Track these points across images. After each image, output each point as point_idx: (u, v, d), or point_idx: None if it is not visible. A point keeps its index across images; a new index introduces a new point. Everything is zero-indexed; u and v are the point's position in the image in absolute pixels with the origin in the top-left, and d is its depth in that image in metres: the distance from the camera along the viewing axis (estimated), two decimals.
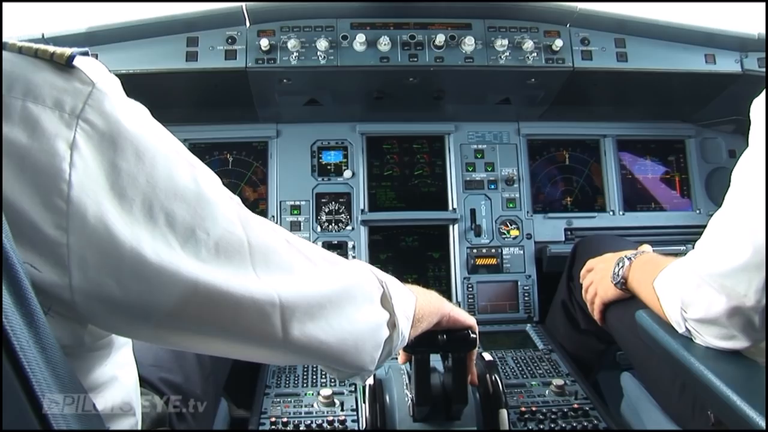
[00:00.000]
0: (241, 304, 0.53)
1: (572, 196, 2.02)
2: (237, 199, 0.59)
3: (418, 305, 0.81)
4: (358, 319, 0.66)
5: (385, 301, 0.72)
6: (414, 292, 0.83)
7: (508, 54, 1.64)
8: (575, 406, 1.27)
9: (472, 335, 0.97)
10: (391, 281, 0.76)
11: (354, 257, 1.83)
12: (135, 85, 0.77)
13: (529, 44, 1.64)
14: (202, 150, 1.91)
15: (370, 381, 1.08)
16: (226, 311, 0.53)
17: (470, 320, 0.96)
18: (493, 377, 1.11)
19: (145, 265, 0.48)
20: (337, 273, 0.66)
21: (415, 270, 1.90)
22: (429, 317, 0.86)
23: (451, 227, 1.93)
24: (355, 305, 0.66)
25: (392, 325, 0.73)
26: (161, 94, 1.62)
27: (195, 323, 0.52)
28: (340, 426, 1.12)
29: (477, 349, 1.02)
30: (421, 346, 0.93)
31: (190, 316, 0.51)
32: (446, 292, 1.86)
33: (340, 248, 1.84)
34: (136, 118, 0.52)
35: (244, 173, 1.94)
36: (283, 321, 0.57)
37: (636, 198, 1.98)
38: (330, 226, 1.88)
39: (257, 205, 1.90)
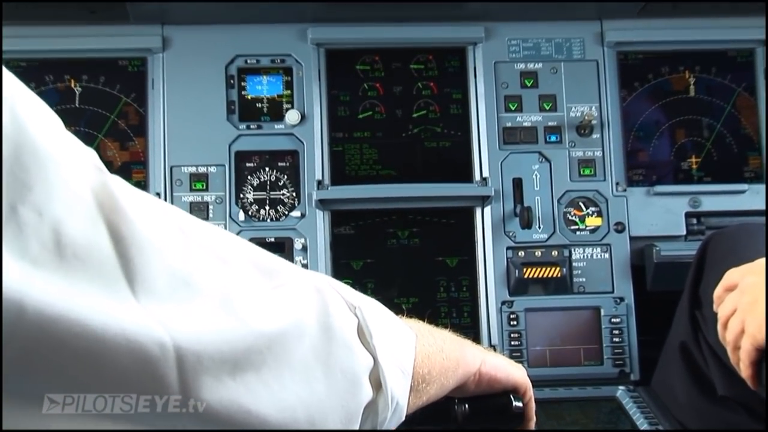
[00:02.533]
0: (104, 346, 0.52)
1: (701, 155, 1.97)
2: (93, 155, 0.59)
3: (420, 351, 0.80)
4: (313, 372, 0.66)
5: (363, 340, 0.72)
6: (413, 328, 0.82)
7: None
8: None
9: (516, 404, 0.95)
10: (370, 306, 0.76)
11: (305, 267, 1.79)
12: None
13: None
14: (21, 73, 1.85)
15: None
16: (78, 358, 0.51)
17: (516, 375, 0.95)
18: None
19: None
20: (276, 291, 0.66)
21: (414, 290, 1.88)
22: (442, 376, 0.84)
23: (478, 212, 1.90)
24: (309, 349, 0.66)
25: (376, 382, 0.72)
26: None
27: (16, 379, 0.50)
28: None
29: (529, 421, 0.99)
30: (427, 421, 0.90)
31: (9, 366, 0.49)
32: (471, 330, 1.84)
33: (280, 252, 1.83)
34: None
35: (104, 116, 1.90)
36: (181, 378, 0.56)
37: None
38: (261, 212, 1.86)
39: (129, 172, 1.88)
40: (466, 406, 0.93)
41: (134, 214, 0.57)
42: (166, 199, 1.84)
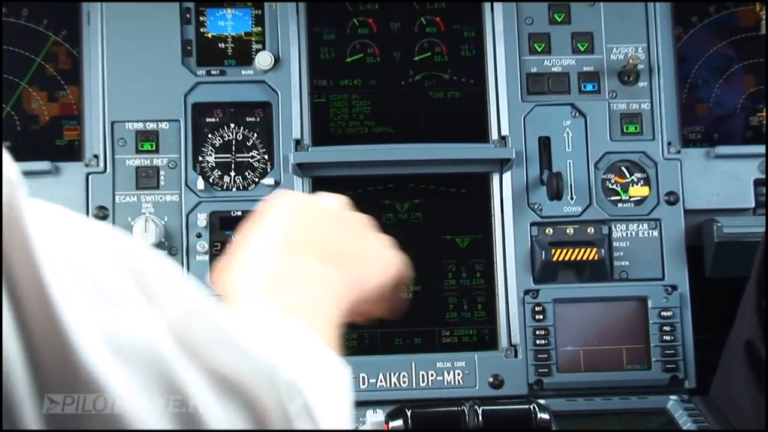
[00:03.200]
0: None
1: None
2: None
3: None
4: None
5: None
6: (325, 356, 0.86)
7: None
8: None
9: (542, 416, 1.11)
10: (320, 393, 0.78)
11: None
12: None
13: None
14: None
15: None
16: None
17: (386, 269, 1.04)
18: None
19: None
20: (174, 414, 0.67)
21: (415, 276, 1.85)
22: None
23: (495, 180, 1.87)
24: None
25: None
26: None
27: None
28: None
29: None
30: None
31: None
32: (486, 326, 1.83)
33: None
34: None
35: (28, 59, 1.85)
36: None
37: None
38: (225, 180, 1.83)
39: (59, 130, 1.84)
40: (479, 416, 1.00)
41: (44, 256, 0.58)
42: (105, 163, 1.82)
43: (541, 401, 1.50)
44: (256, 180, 1.83)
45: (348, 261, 1.00)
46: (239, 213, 1.81)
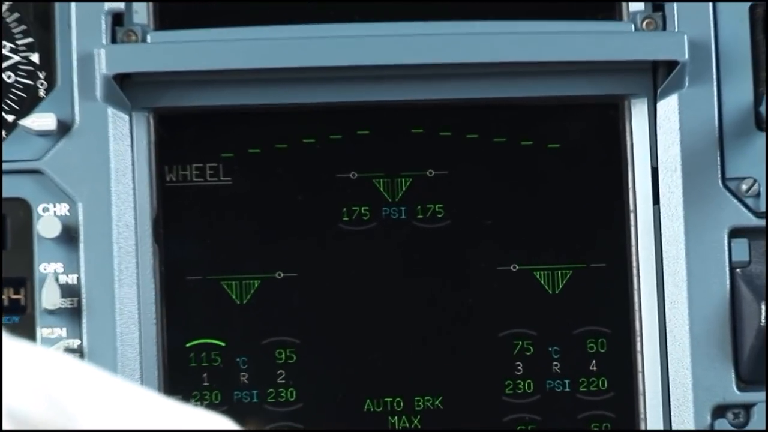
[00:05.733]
0: None
1: None
2: None
3: None
4: None
5: None
6: None
7: None
8: None
9: None
10: None
11: (74, 307, 1.42)
12: None
13: None
14: None
15: None
16: None
17: None
18: None
19: None
20: None
21: (431, 370, 1.47)
22: None
23: (637, 116, 1.47)
24: None
25: None
26: None
27: None
28: None
29: None
30: None
31: None
32: None
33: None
34: None
35: None
36: None
37: None
38: None
39: None
40: None
41: None
42: None
43: None
44: (11, 120, 1.38)
45: None
46: None
